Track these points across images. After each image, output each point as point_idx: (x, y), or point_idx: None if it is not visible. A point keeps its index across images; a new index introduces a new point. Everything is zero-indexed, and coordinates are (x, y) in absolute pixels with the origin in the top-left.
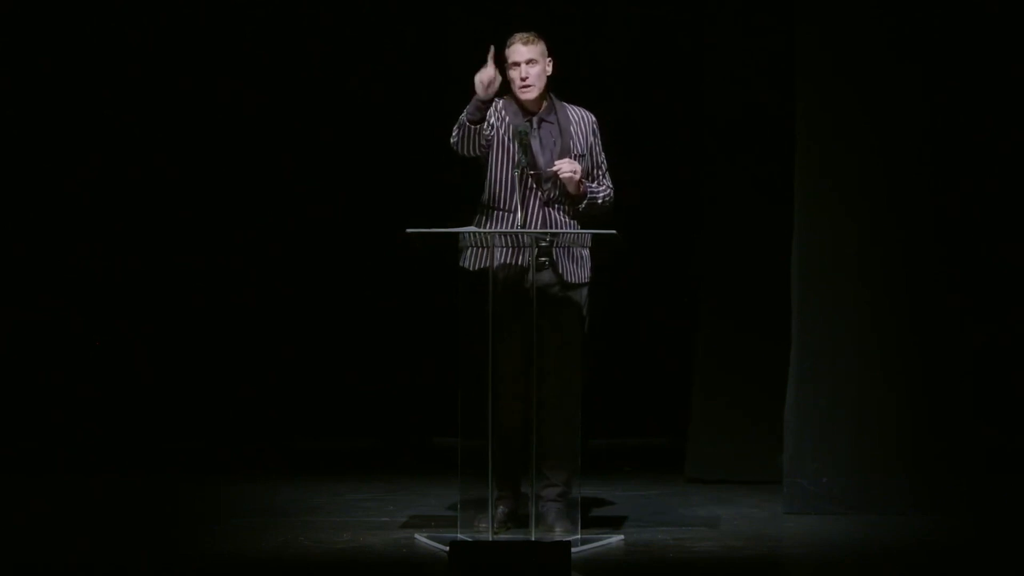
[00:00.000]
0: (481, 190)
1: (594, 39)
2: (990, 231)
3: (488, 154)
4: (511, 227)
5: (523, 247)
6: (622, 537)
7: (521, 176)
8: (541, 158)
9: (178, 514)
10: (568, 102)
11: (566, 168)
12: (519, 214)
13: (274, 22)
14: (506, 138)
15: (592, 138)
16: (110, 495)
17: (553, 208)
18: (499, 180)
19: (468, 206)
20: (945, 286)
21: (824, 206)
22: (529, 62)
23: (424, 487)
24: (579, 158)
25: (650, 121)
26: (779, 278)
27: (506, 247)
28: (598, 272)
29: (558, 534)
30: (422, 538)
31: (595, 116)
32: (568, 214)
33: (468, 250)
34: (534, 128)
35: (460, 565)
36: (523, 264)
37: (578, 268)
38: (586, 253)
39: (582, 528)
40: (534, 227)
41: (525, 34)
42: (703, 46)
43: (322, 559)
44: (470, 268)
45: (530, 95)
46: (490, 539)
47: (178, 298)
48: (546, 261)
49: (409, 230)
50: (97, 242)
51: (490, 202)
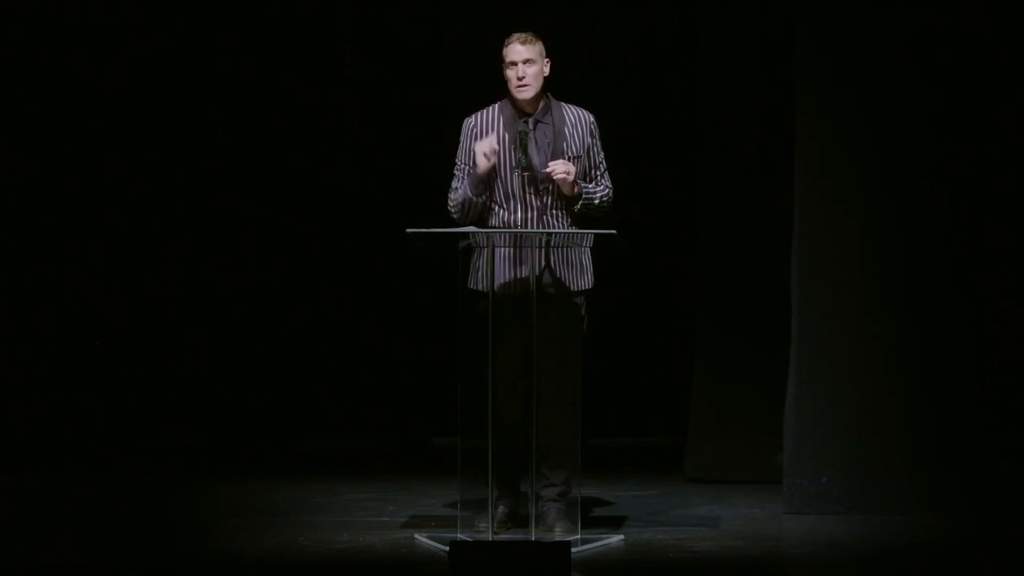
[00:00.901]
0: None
1: (593, 39)
2: (990, 231)
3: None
4: (511, 227)
5: (524, 247)
6: (622, 537)
7: (521, 176)
8: (536, 159)
9: (178, 514)
10: (568, 102)
11: (559, 169)
12: (519, 213)
13: (274, 22)
14: (506, 136)
15: (590, 138)
16: (109, 495)
17: (548, 212)
18: (499, 180)
19: None
20: (945, 286)
21: (824, 206)
22: (526, 62)
23: (424, 487)
24: (574, 159)
25: (650, 121)
26: (779, 278)
27: (507, 247)
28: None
29: (558, 534)
30: (422, 538)
31: (594, 116)
32: (566, 217)
33: (479, 271)
34: (530, 129)
35: (460, 565)
36: (526, 271)
37: (575, 275)
38: (586, 260)
39: (582, 528)
40: (532, 228)
41: (523, 34)
42: (702, 46)
43: (322, 559)
44: (481, 289)
45: (526, 95)
46: (490, 539)
47: (178, 298)
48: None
49: (409, 230)
50: (97, 242)
51: (490, 202)
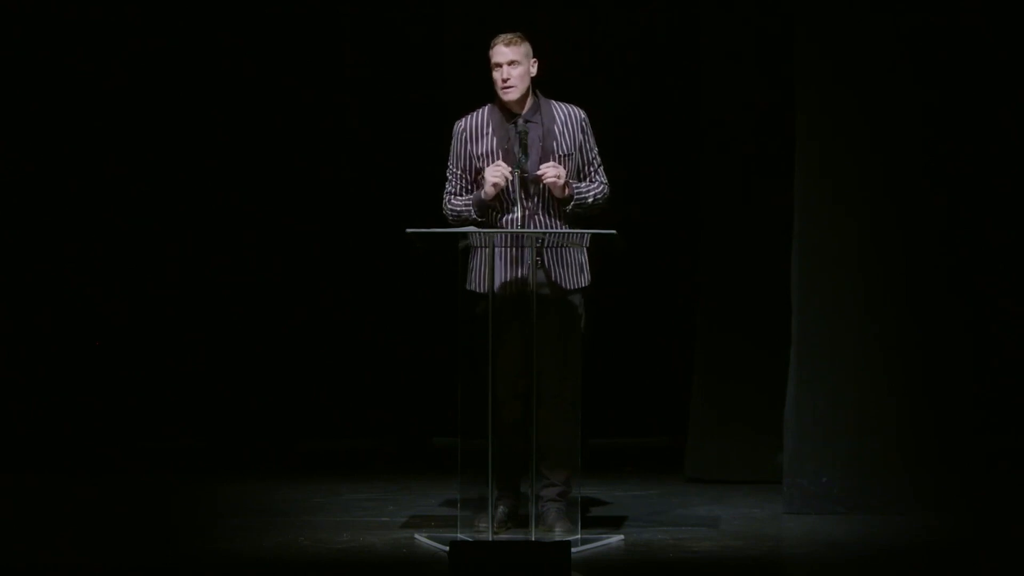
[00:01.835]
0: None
1: (593, 39)
2: (990, 231)
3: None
4: (510, 227)
5: (523, 247)
6: (622, 537)
7: (521, 175)
8: (529, 163)
9: (178, 514)
10: (568, 102)
11: (550, 173)
12: (518, 213)
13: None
14: (494, 139)
15: (581, 135)
16: (109, 495)
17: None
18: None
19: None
20: (945, 286)
21: (824, 206)
22: (511, 63)
23: (424, 487)
24: (565, 158)
25: (650, 121)
26: (779, 278)
27: (506, 247)
28: (601, 273)
29: (558, 534)
30: (422, 538)
31: (585, 113)
32: (560, 217)
33: (474, 271)
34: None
35: (460, 565)
36: (524, 271)
37: (569, 274)
38: (582, 259)
39: (582, 528)
40: (524, 227)
41: (508, 35)
42: (702, 46)
43: (322, 559)
44: (478, 291)
45: (511, 96)
46: (490, 539)
47: (178, 298)
48: (539, 260)
49: (409, 230)
50: (97, 242)
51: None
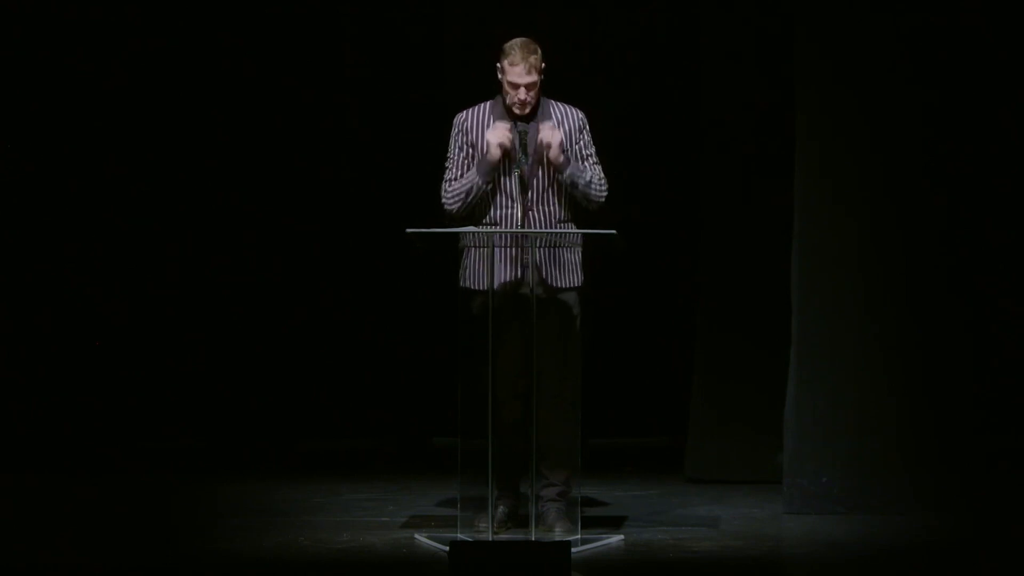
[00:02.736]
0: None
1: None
2: (990, 231)
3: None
4: (510, 226)
5: (523, 247)
6: (622, 537)
7: (521, 176)
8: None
9: (178, 514)
10: (568, 102)
11: (547, 133)
12: (518, 212)
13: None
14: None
15: (577, 134)
16: (109, 495)
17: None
18: (497, 180)
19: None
20: (945, 286)
21: (824, 206)
22: (529, 86)
23: (424, 487)
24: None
25: (650, 121)
26: (779, 278)
27: (505, 247)
28: (600, 272)
29: (558, 534)
30: (422, 538)
31: (584, 113)
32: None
33: (467, 269)
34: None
35: (460, 565)
36: (520, 271)
37: (562, 273)
38: (576, 258)
39: (582, 528)
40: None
41: (531, 55)
42: (702, 46)
43: (322, 559)
44: (472, 287)
45: (524, 112)
46: (490, 539)
47: (178, 298)
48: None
49: (409, 230)
50: (97, 242)
51: (491, 200)
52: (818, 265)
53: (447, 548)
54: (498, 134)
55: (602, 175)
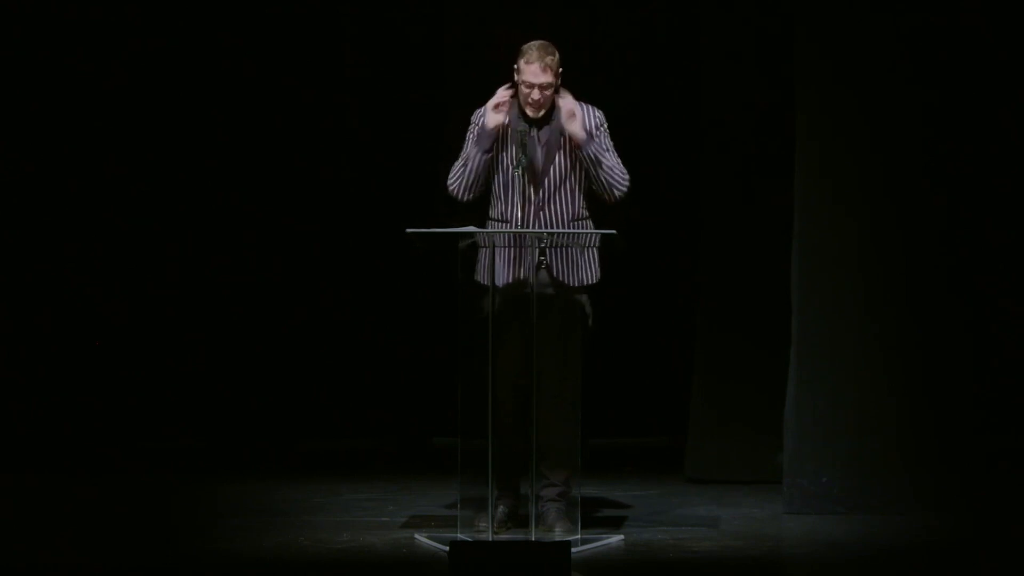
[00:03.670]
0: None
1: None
2: (990, 231)
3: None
4: (512, 226)
5: (524, 246)
6: (622, 537)
7: (522, 175)
8: (538, 157)
9: (178, 514)
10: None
11: (569, 101)
12: (519, 212)
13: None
14: (508, 132)
15: (595, 132)
16: (109, 495)
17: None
18: (500, 179)
19: (467, 205)
20: (945, 286)
21: (824, 206)
22: (544, 86)
23: (424, 487)
24: (574, 153)
25: (650, 121)
26: (779, 278)
27: (507, 246)
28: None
29: (558, 534)
30: (422, 538)
31: (602, 112)
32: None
33: (479, 264)
34: (533, 128)
35: (460, 565)
36: (526, 270)
37: (575, 271)
38: (590, 256)
39: (582, 528)
40: (530, 222)
41: (547, 55)
42: (702, 46)
43: (322, 559)
44: (486, 283)
45: (538, 114)
46: (490, 539)
47: (178, 298)
48: (544, 261)
49: (409, 230)
50: (97, 242)
51: (493, 200)
52: (818, 265)
53: (447, 548)
54: (495, 98)
55: (624, 169)
